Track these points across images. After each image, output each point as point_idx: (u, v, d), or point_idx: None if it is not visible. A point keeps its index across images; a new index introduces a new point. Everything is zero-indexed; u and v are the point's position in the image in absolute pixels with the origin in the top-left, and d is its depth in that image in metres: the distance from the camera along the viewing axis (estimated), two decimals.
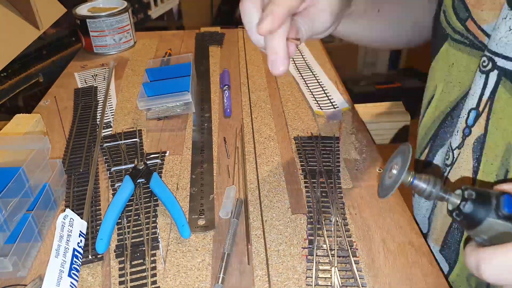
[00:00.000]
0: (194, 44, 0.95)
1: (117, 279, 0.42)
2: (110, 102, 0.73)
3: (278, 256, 0.44)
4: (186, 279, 0.42)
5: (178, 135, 0.64)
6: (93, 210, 0.51)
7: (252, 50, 0.90)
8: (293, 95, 0.73)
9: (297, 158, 0.58)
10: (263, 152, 0.59)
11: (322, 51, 0.89)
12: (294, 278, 0.42)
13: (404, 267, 0.43)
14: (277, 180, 0.54)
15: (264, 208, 0.50)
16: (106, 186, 0.55)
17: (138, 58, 0.88)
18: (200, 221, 0.48)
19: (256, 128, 0.65)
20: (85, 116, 0.68)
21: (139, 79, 0.80)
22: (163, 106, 0.68)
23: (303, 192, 0.52)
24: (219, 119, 0.68)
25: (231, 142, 0.62)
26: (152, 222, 0.48)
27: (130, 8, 0.92)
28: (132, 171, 0.54)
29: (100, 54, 0.91)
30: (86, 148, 0.61)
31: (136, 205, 0.51)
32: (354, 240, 0.45)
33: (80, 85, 0.79)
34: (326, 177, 0.53)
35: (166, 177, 0.56)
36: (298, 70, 0.80)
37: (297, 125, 0.65)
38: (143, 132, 0.64)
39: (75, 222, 0.45)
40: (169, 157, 0.59)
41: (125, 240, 0.46)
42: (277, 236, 0.46)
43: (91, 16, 0.87)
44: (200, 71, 0.82)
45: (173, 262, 0.44)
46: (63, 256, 0.41)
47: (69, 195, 0.53)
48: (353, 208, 0.50)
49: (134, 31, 0.94)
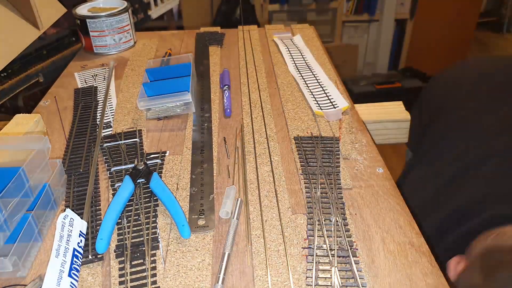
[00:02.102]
0: (194, 44, 0.95)
1: (117, 279, 0.42)
2: (110, 102, 0.73)
3: (278, 256, 0.44)
4: (186, 279, 0.42)
5: (178, 135, 0.64)
6: (93, 210, 0.51)
7: (252, 50, 0.90)
8: (293, 95, 0.73)
9: (297, 158, 0.58)
10: (263, 152, 0.59)
11: (322, 51, 0.89)
12: (294, 278, 0.42)
13: (404, 267, 0.43)
14: (277, 180, 0.54)
15: (264, 208, 0.50)
16: (106, 186, 0.55)
17: (138, 58, 0.88)
18: (200, 221, 0.48)
19: (256, 128, 0.65)
20: (85, 116, 0.68)
21: (139, 79, 0.80)
22: (163, 106, 0.68)
23: (303, 192, 0.52)
24: (219, 119, 0.68)
25: (231, 142, 0.62)
26: (152, 222, 0.48)
27: (130, 8, 0.92)
28: (132, 171, 0.54)
29: (100, 54, 0.91)
30: (86, 148, 0.61)
31: (136, 205, 0.51)
32: (354, 240, 0.45)
33: (80, 85, 0.79)
34: (326, 177, 0.53)
35: (166, 177, 0.56)
36: (298, 70, 0.80)
37: (297, 125, 0.65)
38: (143, 132, 0.64)
39: (75, 222, 0.45)
40: (169, 157, 0.59)
41: (125, 240, 0.46)
42: (277, 236, 0.46)
43: (91, 16, 0.87)
44: (200, 71, 0.82)
45: (173, 262, 0.44)
46: (63, 256, 0.41)
47: (69, 195, 0.53)
48: (353, 208, 0.50)
49: (134, 31, 0.94)
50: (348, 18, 2.71)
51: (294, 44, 0.91)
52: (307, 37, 0.95)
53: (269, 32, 0.99)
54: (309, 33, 0.98)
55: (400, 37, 2.72)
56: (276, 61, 0.85)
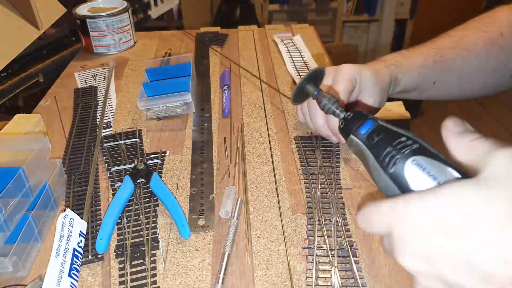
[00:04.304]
0: (194, 44, 0.95)
1: (117, 279, 0.42)
2: (110, 102, 0.73)
3: (278, 256, 0.44)
4: (186, 279, 0.42)
5: (178, 135, 0.64)
6: (93, 210, 0.51)
7: (252, 50, 0.90)
8: None
9: (297, 158, 0.58)
10: (263, 152, 0.59)
11: (322, 51, 0.89)
12: (294, 278, 0.42)
13: (404, 267, 0.43)
14: (277, 180, 0.54)
15: (264, 208, 0.50)
16: (106, 186, 0.55)
17: (138, 58, 0.88)
18: (200, 221, 0.48)
19: (256, 128, 0.65)
20: (85, 116, 0.68)
21: (139, 79, 0.80)
22: (163, 106, 0.68)
23: (303, 192, 0.52)
24: (219, 119, 0.68)
25: (231, 142, 0.62)
26: (152, 222, 0.48)
27: (130, 8, 0.92)
28: (132, 171, 0.54)
29: (100, 54, 0.91)
30: (86, 148, 0.61)
31: (136, 205, 0.51)
32: (354, 240, 0.45)
33: (80, 85, 0.79)
34: (326, 177, 0.53)
35: (166, 177, 0.56)
36: (297, 70, 0.80)
37: (297, 125, 0.65)
38: (143, 132, 0.64)
39: (75, 222, 0.45)
40: (169, 157, 0.59)
41: (125, 240, 0.46)
42: (277, 236, 0.46)
43: (91, 16, 0.87)
44: (200, 71, 0.82)
45: (173, 262, 0.44)
46: (63, 256, 0.41)
47: (69, 195, 0.53)
48: (353, 208, 0.50)
49: (134, 31, 0.94)
50: (348, 18, 2.71)
51: (294, 44, 0.91)
52: (307, 37, 0.95)
53: (269, 32, 0.99)
54: (309, 33, 0.98)
55: (400, 37, 2.72)
56: (276, 61, 0.85)
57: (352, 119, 0.36)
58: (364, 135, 0.33)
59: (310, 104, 0.56)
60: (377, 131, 0.32)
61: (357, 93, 0.56)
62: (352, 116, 0.36)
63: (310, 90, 0.44)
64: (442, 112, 2.26)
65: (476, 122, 2.31)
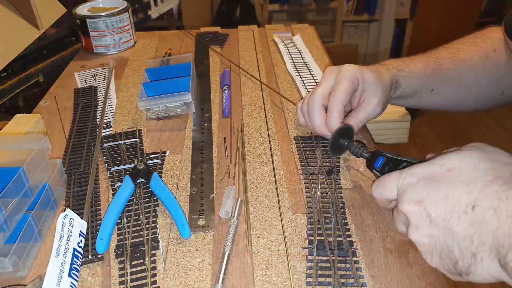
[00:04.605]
0: (194, 44, 0.95)
1: (117, 279, 0.42)
2: (110, 102, 0.73)
3: (278, 256, 0.44)
4: (186, 279, 0.42)
5: (178, 135, 0.64)
6: (93, 210, 0.51)
7: (252, 50, 0.90)
8: (293, 95, 0.73)
9: (297, 158, 0.58)
10: (263, 152, 0.59)
11: (322, 51, 0.89)
12: (294, 278, 0.42)
13: (404, 267, 0.43)
14: (277, 180, 0.54)
15: (264, 208, 0.50)
16: (106, 186, 0.55)
17: (138, 58, 0.88)
18: (200, 221, 0.48)
19: (256, 128, 0.65)
20: (85, 116, 0.68)
21: (139, 79, 0.80)
22: (163, 106, 0.68)
23: (303, 192, 0.52)
24: (219, 119, 0.68)
25: (231, 142, 0.62)
26: (152, 222, 0.48)
27: (130, 8, 0.92)
28: (132, 171, 0.54)
29: (100, 54, 0.91)
30: (86, 148, 0.61)
31: (136, 205, 0.51)
32: (354, 240, 0.45)
33: (80, 85, 0.79)
34: (326, 177, 0.53)
35: (166, 177, 0.56)
36: (297, 69, 0.80)
37: (297, 125, 0.65)
38: (143, 132, 0.64)
39: (75, 222, 0.45)
40: (169, 157, 0.59)
41: (125, 240, 0.46)
42: (277, 236, 0.46)
43: (91, 16, 0.87)
44: (200, 71, 0.82)
45: (173, 262, 0.44)
46: (63, 256, 0.41)
47: (69, 195, 0.53)
48: (353, 208, 0.50)
49: (134, 31, 0.94)
50: (348, 18, 2.71)
51: (294, 44, 0.91)
52: (307, 37, 0.95)
53: (269, 32, 0.99)
54: (309, 33, 0.98)
55: (400, 37, 2.72)
56: (276, 61, 0.85)
57: (371, 158, 0.49)
58: (378, 168, 0.47)
59: (309, 104, 0.57)
60: (386, 163, 0.46)
61: (361, 92, 0.57)
62: (370, 156, 0.49)
63: (342, 142, 0.54)
64: (442, 113, 2.27)
65: (476, 122, 2.33)
